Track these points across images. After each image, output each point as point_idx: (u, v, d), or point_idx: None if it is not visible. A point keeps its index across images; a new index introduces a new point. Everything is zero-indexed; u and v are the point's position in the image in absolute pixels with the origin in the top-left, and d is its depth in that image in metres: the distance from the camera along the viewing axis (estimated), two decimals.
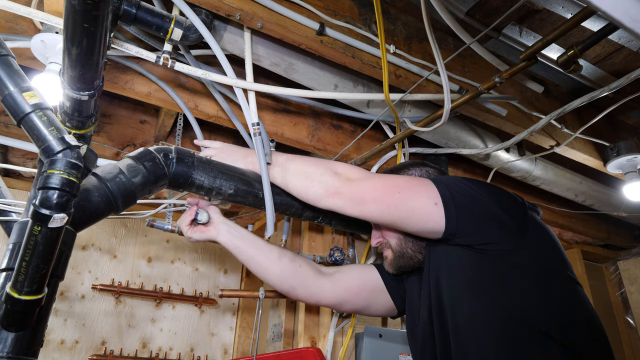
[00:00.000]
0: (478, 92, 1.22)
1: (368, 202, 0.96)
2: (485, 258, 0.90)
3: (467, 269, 0.93)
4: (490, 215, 0.91)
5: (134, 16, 1.06)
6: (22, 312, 0.77)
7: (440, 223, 0.91)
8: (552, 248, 0.95)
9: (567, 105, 1.27)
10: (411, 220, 0.93)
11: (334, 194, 1.00)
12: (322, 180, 1.04)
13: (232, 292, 1.38)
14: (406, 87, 1.36)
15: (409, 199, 0.93)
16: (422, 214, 0.92)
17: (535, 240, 0.92)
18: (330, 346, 1.46)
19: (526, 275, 0.89)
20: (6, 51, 0.79)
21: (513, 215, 0.92)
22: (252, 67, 1.27)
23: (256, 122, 1.23)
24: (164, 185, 1.16)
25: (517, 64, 1.14)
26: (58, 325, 2.15)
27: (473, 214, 0.91)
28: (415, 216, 0.93)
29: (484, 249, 0.90)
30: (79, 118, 1.00)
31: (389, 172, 1.22)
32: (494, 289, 0.89)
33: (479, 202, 0.92)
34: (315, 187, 1.05)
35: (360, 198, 0.97)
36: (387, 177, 1.02)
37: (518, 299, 0.87)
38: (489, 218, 0.91)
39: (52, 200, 0.70)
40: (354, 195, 0.98)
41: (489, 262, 0.90)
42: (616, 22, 0.31)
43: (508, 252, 0.89)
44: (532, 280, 0.89)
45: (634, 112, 1.85)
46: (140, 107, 1.79)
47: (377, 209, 0.95)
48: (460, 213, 0.91)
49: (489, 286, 0.90)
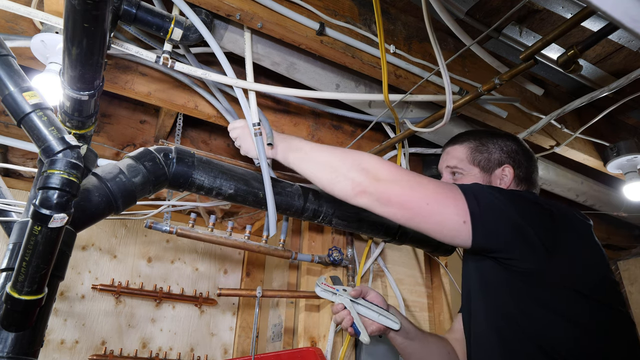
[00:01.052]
0: (478, 94, 1.22)
1: (395, 206, 0.93)
2: (509, 273, 0.89)
3: (491, 281, 0.93)
4: (517, 232, 0.88)
5: (134, 16, 1.06)
6: (22, 312, 0.77)
7: (468, 241, 0.89)
8: (589, 270, 0.91)
9: (567, 106, 1.27)
10: (438, 234, 0.92)
11: (361, 192, 0.97)
12: (349, 176, 0.99)
13: (230, 290, 1.38)
14: (406, 87, 1.36)
15: (436, 213, 0.91)
16: (449, 230, 0.90)
17: (566, 259, 0.89)
18: (330, 346, 1.46)
19: (548, 296, 0.87)
20: (6, 51, 0.79)
21: (543, 232, 0.89)
22: (252, 67, 1.27)
23: (257, 122, 1.23)
24: (164, 185, 1.16)
25: (517, 65, 1.14)
26: (58, 325, 2.15)
27: (501, 230, 0.89)
28: (442, 231, 0.91)
29: (510, 264, 0.89)
30: (79, 118, 1.00)
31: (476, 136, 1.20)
32: (511, 306, 0.89)
33: (508, 218, 0.89)
34: (342, 183, 1.01)
35: (387, 200, 0.94)
36: (419, 180, 0.96)
37: (534, 321, 0.86)
38: (516, 235, 0.88)
39: (52, 200, 0.70)
40: (381, 196, 0.95)
41: (512, 278, 0.89)
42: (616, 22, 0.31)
43: (532, 271, 0.87)
44: (554, 302, 0.86)
45: (634, 112, 1.85)
46: (140, 107, 1.78)
47: (405, 214, 0.93)
48: (489, 231, 0.88)
49: (507, 302, 0.89)
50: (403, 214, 0.93)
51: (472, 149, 1.18)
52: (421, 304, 1.73)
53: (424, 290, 1.77)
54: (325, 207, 1.41)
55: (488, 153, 1.16)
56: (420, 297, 1.74)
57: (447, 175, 1.20)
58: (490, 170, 1.14)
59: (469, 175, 1.15)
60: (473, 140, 1.19)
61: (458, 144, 1.21)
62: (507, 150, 1.16)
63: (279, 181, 1.37)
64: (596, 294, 0.87)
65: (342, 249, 1.61)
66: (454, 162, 1.19)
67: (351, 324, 1.13)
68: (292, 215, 1.39)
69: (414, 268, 1.79)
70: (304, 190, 1.39)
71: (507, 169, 1.13)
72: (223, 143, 1.87)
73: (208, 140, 1.84)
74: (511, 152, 1.15)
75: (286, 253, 1.48)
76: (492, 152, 1.16)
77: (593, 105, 1.42)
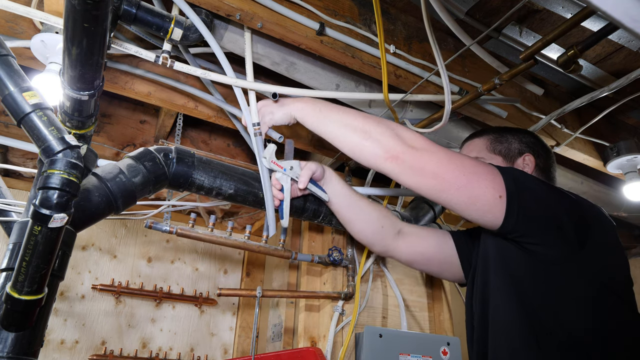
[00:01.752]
0: (478, 94, 1.22)
1: (428, 175, 0.90)
2: (532, 260, 0.88)
3: (514, 267, 0.91)
4: (553, 220, 0.87)
5: (134, 16, 1.06)
6: (22, 312, 0.77)
7: (500, 217, 0.86)
8: (616, 268, 0.90)
9: (567, 106, 1.27)
10: (470, 208, 0.89)
11: (393, 157, 0.93)
12: (382, 140, 0.95)
13: (230, 290, 1.39)
14: (406, 87, 1.36)
15: (473, 185, 0.87)
16: (483, 203, 0.87)
17: (591, 256, 0.88)
18: (330, 346, 1.46)
19: (570, 288, 0.86)
20: (6, 51, 0.79)
21: (575, 225, 0.87)
22: (252, 67, 1.27)
23: (256, 122, 1.23)
24: (164, 185, 1.16)
25: (517, 65, 1.14)
26: (58, 325, 2.15)
27: (535, 214, 0.87)
28: (476, 204, 0.88)
29: (535, 250, 0.87)
30: (79, 118, 1.00)
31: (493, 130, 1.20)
32: (530, 292, 0.88)
33: (544, 203, 0.88)
34: (373, 146, 0.96)
35: (420, 169, 0.90)
36: (455, 154, 0.93)
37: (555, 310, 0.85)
38: (551, 222, 0.87)
39: (52, 200, 0.70)
40: (414, 164, 0.91)
41: (535, 265, 0.88)
42: (616, 22, 0.31)
43: (559, 261, 0.86)
44: (575, 296, 0.86)
45: (634, 112, 1.84)
46: (140, 107, 1.79)
47: (435, 185, 0.89)
48: (522, 211, 0.86)
49: (528, 288, 0.89)
50: (435, 185, 0.90)
51: (492, 139, 1.18)
52: (421, 304, 1.73)
53: (424, 290, 1.77)
54: (325, 207, 1.41)
55: (508, 143, 1.16)
56: (420, 297, 1.74)
57: None
58: (512, 159, 1.13)
59: None
60: (491, 133, 1.19)
61: (476, 138, 1.21)
62: (525, 141, 1.15)
63: None
64: (620, 291, 0.88)
65: (342, 249, 1.61)
66: (474, 154, 1.18)
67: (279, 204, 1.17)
68: (292, 215, 1.39)
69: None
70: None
71: (527, 157, 1.12)
72: (223, 143, 1.87)
73: (208, 140, 1.84)
74: (530, 143, 1.15)
75: (286, 253, 1.48)
76: (511, 142, 1.16)
77: (593, 105, 1.42)
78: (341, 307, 1.51)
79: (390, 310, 1.65)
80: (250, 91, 1.26)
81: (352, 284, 1.54)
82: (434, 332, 1.70)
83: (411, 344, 1.48)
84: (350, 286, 1.53)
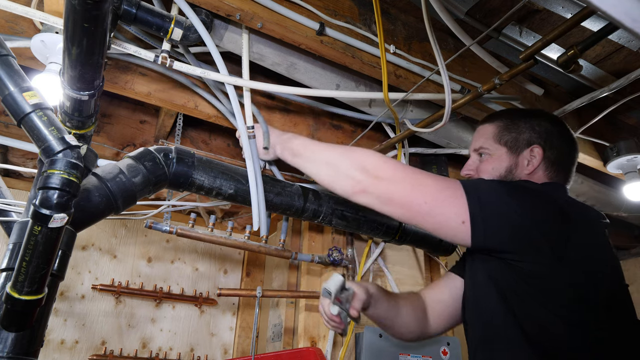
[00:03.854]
0: (478, 94, 1.22)
1: (396, 205, 0.94)
2: (514, 272, 0.88)
3: (497, 279, 0.91)
4: (520, 234, 0.86)
5: (134, 16, 1.06)
6: (22, 312, 0.77)
7: (467, 240, 0.89)
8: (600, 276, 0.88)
9: (567, 106, 1.27)
10: (440, 232, 0.93)
11: (362, 191, 0.97)
12: (350, 175, 0.99)
13: (230, 290, 1.39)
14: (406, 87, 1.36)
15: (435, 213, 0.91)
16: (448, 229, 0.90)
17: (576, 264, 0.86)
18: (330, 346, 1.46)
19: (552, 301, 0.85)
20: (6, 51, 0.79)
21: (552, 234, 0.86)
22: (248, 68, 1.27)
23: (251, 126, 1.26)
24: (164, 185, 1.16)
25: (517, 65, 1.13)
26: (58, 325, 2.15)
27: (503, 230, 0.87)
28: (442, 230, 0.91)
29: (512, 264, 0.87)
30: (79, 118, 1.00)
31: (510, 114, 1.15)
32: (515, 304, 0.87)
33: (511, 217, 0.87)
34: (343, 182, 1.01)
35: (388, 199, 0.95)
36: (421, 179, 0.95)
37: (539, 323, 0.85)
38: (519, 237, 0.87)
39: (52, 200, 0.70)
40: (382, 195, 0.95)
41: (517, 277, 0.87)
42: (616, 22, 0.31)
43: (537, 273, 0.86)
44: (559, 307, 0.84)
45: (634, 112, 1.84)
46: (140, 107, 1.78)
47: (405, 213, 0.94)
48: (489, 231, 0.87)
49: (512, 300, 0.88)
50: (403, 213, 0.94)
51: (501, 127, 1.11)
52: None
53: None
54: (325, 207, 1.41)
55: (517, 132, 1.08)
56: None
57: (474, 157, 1.14)
58: (517, 151, 1.07)
59: (495, 155, 1.09)
60: (504, 119, 1.12)
61: (488, 122, 1.15)
62: (539, 130, 1.07)
63: (279, 181, 1.37)
64: (605, 301, 0.86)
65: (342, 249, 1.61)
66: (480, 142, 1.13)
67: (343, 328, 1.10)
68: (292, 216, 1.39)
69: (414, 268, 1.79)
70: (304, 191, 1.39)
71: (535, 149, 1.05)
72: (223, 143, 1.87)
73: (208, 140, 1.84)
74: (543, 132, 1.07)
75: (286, 253, 1.48)
76: (521, 130, 1.08)
77: (593, 105, 1.42)
78: None
79: None
80: (246, 92, 1.26)
81: None
82: None
83: (411, 344, 1.48)
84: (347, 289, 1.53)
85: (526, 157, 1.05)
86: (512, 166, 1.06)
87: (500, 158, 1.07)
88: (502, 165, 1.07)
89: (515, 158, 1.06)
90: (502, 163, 1.07)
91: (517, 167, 1.06)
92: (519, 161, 1.06)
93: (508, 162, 1.06)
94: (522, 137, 1.07)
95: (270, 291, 1.45)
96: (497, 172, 1.06)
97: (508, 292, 0.89)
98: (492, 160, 1.08)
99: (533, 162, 1.04)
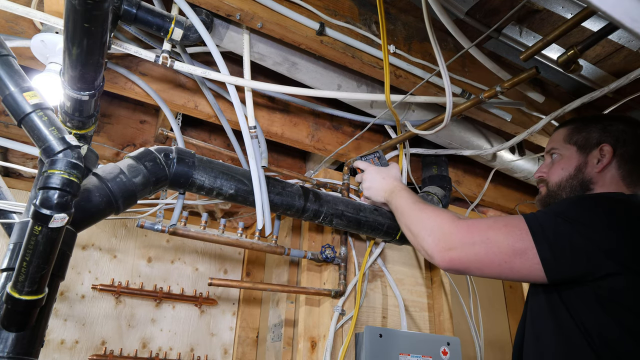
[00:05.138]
0: (479, 100, 1.23)
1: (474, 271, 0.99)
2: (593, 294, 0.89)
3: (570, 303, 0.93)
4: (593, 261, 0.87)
5: (135, 16, 1.06)
6: (22, 312, 0.77)
7: (544, 280, 0.92)
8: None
9: (567, 106, 1.27)
10: (514, 279, 0.97)
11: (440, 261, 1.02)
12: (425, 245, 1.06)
13: (222, 281, 1.38)
14: (406, 87, 1.36)
15: (512, 270, 0.94)
16: (523, 276, 0.94)
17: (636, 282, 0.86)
18: (330, 346, 1.46)
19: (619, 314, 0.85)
20: (6, 51, 0.79)
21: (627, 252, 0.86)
22: (249, 68, 1.27)
23: (253, 126, 1.25)
24: (165, 185, 1.16)
25: (519, 74, 1.14)
26: (58, 325, 2.15)
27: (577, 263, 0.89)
28: (517, 277, 0.95)
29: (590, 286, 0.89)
30: (80, 118, 1.00)
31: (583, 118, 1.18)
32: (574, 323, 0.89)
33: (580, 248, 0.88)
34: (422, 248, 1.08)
35: (465, 268, 1.00)
36: (489, 240, 0.97)
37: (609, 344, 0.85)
38: (593, 264, 0.87)
39: (52, 200, 0.70)
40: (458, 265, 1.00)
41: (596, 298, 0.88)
42: (616, 22, 0.31)
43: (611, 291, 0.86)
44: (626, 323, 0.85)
45: (634, 112, 1.84)
46: (140, 107, 1.79)
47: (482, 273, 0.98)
48: (562, 267, 0.90)
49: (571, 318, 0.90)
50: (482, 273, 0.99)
51: (573, 129, 1.15)
52: (421, 304, 1.73)
53: (424, 290, 1.77)
54: (326, 208, 1.41)
55: (587, 132, 1.11)
56: (420, 297, 1.74)
57: (547, 159, 1.19)
58: (587, 150, 1.09)
59: (565, 156, 1.12)
60: (576, 122, 1.16)
61: (561, 128, 1.20)
62: (610, 130, 1.08)
63: (280, 181, 1.37)
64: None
65: (336, 248, 1.61)
66: (552, 144, 1.18)
67: None
68: (293, 216, 1.39)
69: (414, 268, 1.79)
70: (304, 191, 1.39)
71: (605, 147, 1.06)
72: (223, 143, 1.87)
73: (208, 140, 1.84)
74: (615, 131, 1.08)
75: (279, 249, 1.47)
76: (591, 131, 1.10)
77: (593, 105, 1.42)
78: (341, 307, 1.51)
79: (390, 310, 1.65)
80: (248, 92, 1.26)
81: (342, 282, 1.54)
82: (433, 332, 1.70)
83: (411, 344, 1.48)
84: (342, 284, 1.53)
85: (596, 156, 1.07)
86: (581, 165, 1.09)
87: (570, 158, 1.11)
88: (571, 164, 1.10)
89: (584, 157, 1.09)
90: (571, 162, 1.10)
91: (587, 166, 1.08)
92: (588, 160, 1.08)
93: (577, 161, 1.09)
94: (592, 137, 1.10)
95: (261, 284, 1.48)
96: (567, 172, 1.10)
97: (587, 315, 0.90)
98: (562, 161, 1.12)
99: (603, 160, 1.06)
